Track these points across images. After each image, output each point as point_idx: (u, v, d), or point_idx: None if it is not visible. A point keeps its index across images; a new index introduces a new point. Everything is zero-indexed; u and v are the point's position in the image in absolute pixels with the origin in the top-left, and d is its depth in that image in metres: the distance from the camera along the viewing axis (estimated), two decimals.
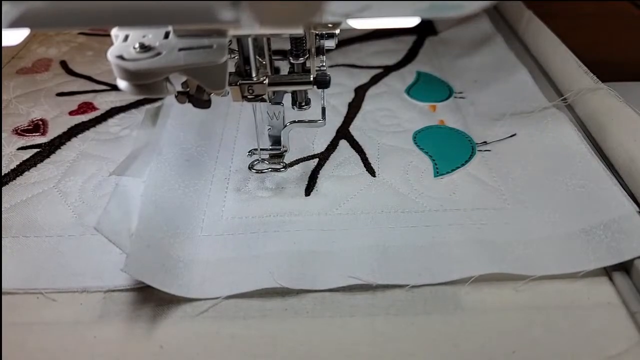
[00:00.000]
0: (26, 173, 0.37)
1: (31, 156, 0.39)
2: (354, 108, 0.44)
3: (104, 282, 0.29)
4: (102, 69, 0.50)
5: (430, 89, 0.46)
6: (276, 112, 0.33)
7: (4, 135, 0.41)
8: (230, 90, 0.30)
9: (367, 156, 0.38)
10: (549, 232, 0.31)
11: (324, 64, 0.31)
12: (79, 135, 0.41)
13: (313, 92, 0.34)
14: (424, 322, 0.27)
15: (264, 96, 0.30)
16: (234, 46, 0.29)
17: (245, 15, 0.18)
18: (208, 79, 0.25)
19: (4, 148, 0.40)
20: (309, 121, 0.33)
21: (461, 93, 0.45)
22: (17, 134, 0.41)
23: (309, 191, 0.35)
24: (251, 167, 0.35)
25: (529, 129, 0.38)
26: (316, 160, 0.38)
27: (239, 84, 0.29)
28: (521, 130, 0.38)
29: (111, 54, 0.23)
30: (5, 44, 0.29)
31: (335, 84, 0.46)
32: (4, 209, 0.34)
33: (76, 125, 0.42)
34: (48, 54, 0.53)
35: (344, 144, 0.40)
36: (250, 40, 0.28)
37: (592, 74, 0.39)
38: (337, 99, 0.45)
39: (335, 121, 0.42)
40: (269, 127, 0.34)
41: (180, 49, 0.24)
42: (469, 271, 0.28)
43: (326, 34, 0.30)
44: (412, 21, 0.23)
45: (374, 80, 0.48)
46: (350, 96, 0.45)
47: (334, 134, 0.41)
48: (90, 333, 0.26)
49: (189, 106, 0.29)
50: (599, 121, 0.37)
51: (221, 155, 0.38)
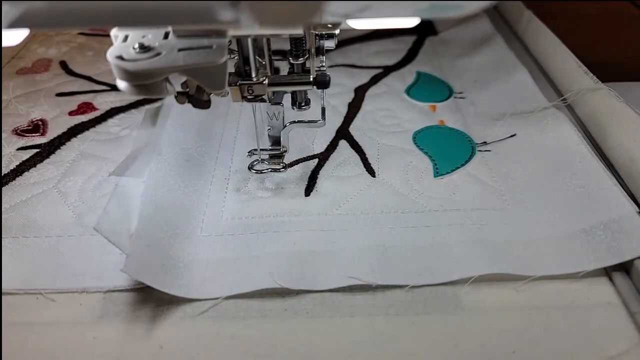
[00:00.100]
0: (26, 173, 0.37)
1: (31, 156, 0.39)
2: (353, 108, 0.44)
3: (103, 282, 0.29)
4: (102, 69, 0.50)
5: (430, 89, 0.46)
6: (276, 113, 0.33)
7: (4, 135, 0.41)
8: (230, 91, 0.30)
9: (367, 156, 0.38)
10: (549, 232, 0.31)
11: (323, 64, 0.31)
12: (79, 136, 0.41)
13: (313, 92, 0.34)
14: (424, 322, 0.27)
15: (263, 96, 0.30)
16: (234, 46, 0.29)
17: (245, 16, 0.18)
18: (208, 79, 0.25)
19: (3, 148, 0.40)
20: (309, 121, 0.33)
21: (461, 93, 0.45)
22: (17, 134, 0.41)
23: (308, 191, 0.35)
24: (251, 168, 0.35)
25: (529, 129, 0.38)
26: (316, 160, 0.38)
27: (238, 84, 0.29)
28: (521, 130, 0.38)
29: (111, 54, 0.23)
30: (5, 44, 0.29)
31: (335, 84, 0.46)
32: (3, 209, 0.34)
33: (76, 125, 0.42)
34: (48, 54, 0.53)
35: (343, 144, 0.40)
36: (250, 41, 0.28)
37: (592, 74, 0.39)
38: (337, 99, 0.45)
39: (335, 121, 0.42)
40: (269, 127, 0.34)
41: (180, 49, 0.24)
42: (469, 271, 0.28)
43: (326, 34, 0.30)
44: (412, 21, 0.23)
45: (374, 81, 0.48)
46: (350, 96, 0.45)
47: (333, 134, 0.41)
48: (90, 333, 0.26)
49: (188, 106, 0.29)
50: (599, 121, 0.37)
51: (221, 156, 0.38)
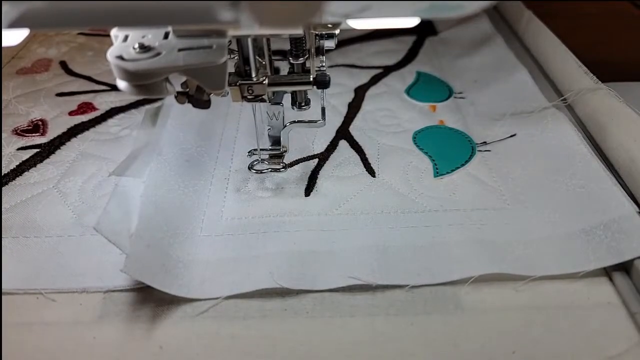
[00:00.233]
0: (26, 173, 0.37)
1: (31, 156, 0.39)
2: (353, 108, 0.44)
3: (103, 282, 0.29)
4: (102, 69, 0.50)
5: (430, 89, 0.46)
6: (276, 113, 0.33)
7: (4, 135, 0.41)
8: (230, 91, 0.30)
9: (367, 156, 0.38)
10: (549, 232, 0.31)
11: (323, 64, 0.31)
12: (79, 136, 0.41)
13: (313, 92, 0.34)
14: (424, 322, 0.27)
15: (263, 96, 0.30)
16: (234, 46, 0.29)
17: (245, 16, 0.18)
18: (208, 79, 0.25)
19: (3, 148, 0.40)
20: (309, 121, 0.33)
21: (461, 93, 0.45)
22: (17, 134, 0.41)
23: (308, 191, 0.35)
24: (251, 168, 0.35)
25: (529, 129, 0.38)
26: (316, 160, 0.38)
27: (238, 84, 0.29)
28: (521, 130, 0.38)
29: (111, 54, 0.23)
30: (5, 44, 0.29)
31: (335, 84, 0.46)
32: (4, 209, 0.34)
33: (76, 125, 0.42)
34: (48, 54, 0.53)
35: (343, 144, 0.40)
36: (250, 41, 0.28)
37: (592, 74, 0.39)
38: (337, 99, 0.45)
39: (335, 121, 0.42)
40: (269, 127, 0.34)
41: (180, 49, 0.24)
42: (469, 271, 0.28)
43: (326, 34, 0.30)
44: (412, 21, 0.23)
45: (374, 81, 0.48)
46: (350, 96, 0.45)
47: (333, 134, 0.41)
48: (89, 333, 0.26)
49: (188, 106, 0.29)
50: (599, 121, 0.37)
51: (221, 156, 0.38)
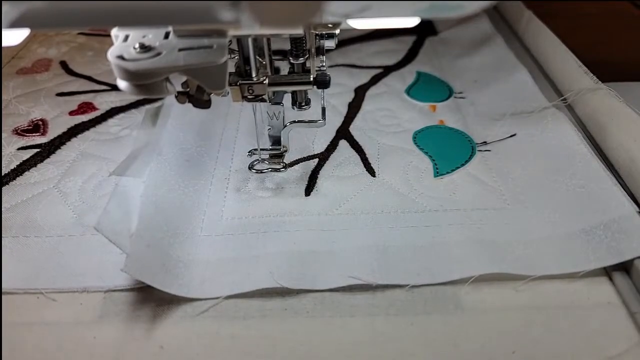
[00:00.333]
0: (26, 173, 0.37)
1: (31, 156, 0.39)
2: (354, 108, 0.44)
3: (104, 282, 0.29)
4: (102, 69, 0.50)
5: (430, 89, 0.46)
6: (276, 112, 0.33)
7: (4, 135, 0.41)
8: (230, 91, 0.30)
9: (367, 156, 0.38)
10: (549, 232, 0.31)
11: (324, 64, 0.31)
12: (79, 135, 0.41)
13: (313, 92, 0.34)
14: (424, 322, 0.27)
15: (264, 96, 0.30)
16: (234, 46, 0.29)
17: (245, 16, 0.18)
18: (208, 79, 0.25)
19: (4, 148, 0.40)
20: (309, 121, 0.33)
21: (461, 93, 0.45)
22: (17, 134, 0.41)
23: (309, 191, 0.35)
24: (251, 167, 0.35)
25: (529, 129, 0.38)
26: (316, 160, 0.38)
27: (239, 84, 0.29)
28: (521, 130, 0.38)
29: (111, 54, 0.23)
30: (5, 44, 0.29)
31: (335, 84, 0.46)
32: (4, 209, 0.34)
33: (76, 125, 0.42)
34: (48, 54, 0.53)
35: (344, 144, 0.40)
36: (250, 41, 0.28)
37: (592, 74, 0.39)
38: (337, 99, 0.45)
39: (335, 121, 0.42)
40: (269, 127, 0.34)
41: (180, 49, 0.24)
42: (469, 271, 0.28)
43: (326, 34, 0.30)
44: (412, 21, 0.23)
45: (374, 80, 0.48)
46: (350, 96, 0.45)
47: (334, 134, 0.41)
48: (90, 333, 0.26)
49: (189, 106, 0.29)
50: (599, 121, 0.37)
51: (221, 155, 0.38)
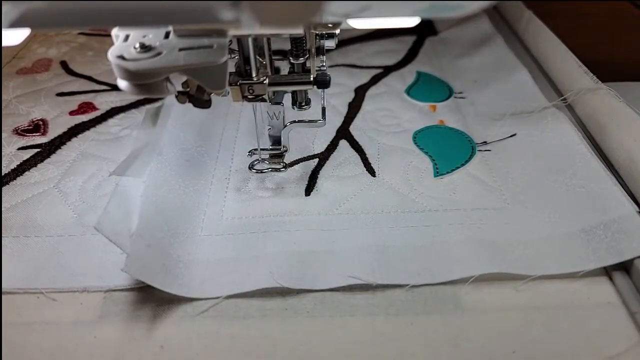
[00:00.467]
0: (26, 173, 0.37)
1: (31, 156, 0.39)
2: (354, 108, 0.44)
3: (104, 282, 0.29)
4: (102, 69, 0.50)
5: (430, 89, 0.46)
6: (276, 112, 0.33)
7: (4, 135, 0.41)
8: (231, 90, 0.30)
9: (367, 156, 0.38)
10: (549, 232, 0.31)
11: (324, 64, 0.31)
12: (79, 135, 0.41)
13: (313, 92, 0.34)
14: (424, 322, 0.27)
15: (264, 96, 0.30)
16: (234, 46, 0.29)
17: (246, 15, 0.18)
18: (208, 79, 0.25)
19: (4, 148, 0.40)
20: (309, 121, 0.33)
21: (461, 93, 0.45)
22: (17, 134, 0.41)
23: (309, 191, 0.35)
24: (251, 167, 0.35)
25: (529, 129, 0.38)
26: (316, 160, 0.38)
27: (239, 84, 0.29)
28: (521, 130, 0.38)
29: (111, 54, 0.23)
30: (5, 44, 0.29)
31: (335, 84, 0.46)
32: (4, 209, 0.34)
33: (76, 125, 0.42)
34: (48, 54, 0.53)
35: (344, 144, 0.40)
36: (250, 40, 0.28)
37: (592, 74, 0.39)
38: (337, 99, 0.45)
39: (335, 121, 0.42)
40: (269, 127, 0.34)
41: (181, 49, 0.24)
42: (469, 271, 0.28)
43: (326, 34, 0.30)
44: (412, 21, 0.24)
45: (374, 80, 0.48)
46: (350, 96, 0.45)
47: (334, 134, 0.41)
48: (90, 333, 0.26)
49: (189, 106, 0.29)
50: (599, 121, 0.37)
51: (221, 155, 0.38)
